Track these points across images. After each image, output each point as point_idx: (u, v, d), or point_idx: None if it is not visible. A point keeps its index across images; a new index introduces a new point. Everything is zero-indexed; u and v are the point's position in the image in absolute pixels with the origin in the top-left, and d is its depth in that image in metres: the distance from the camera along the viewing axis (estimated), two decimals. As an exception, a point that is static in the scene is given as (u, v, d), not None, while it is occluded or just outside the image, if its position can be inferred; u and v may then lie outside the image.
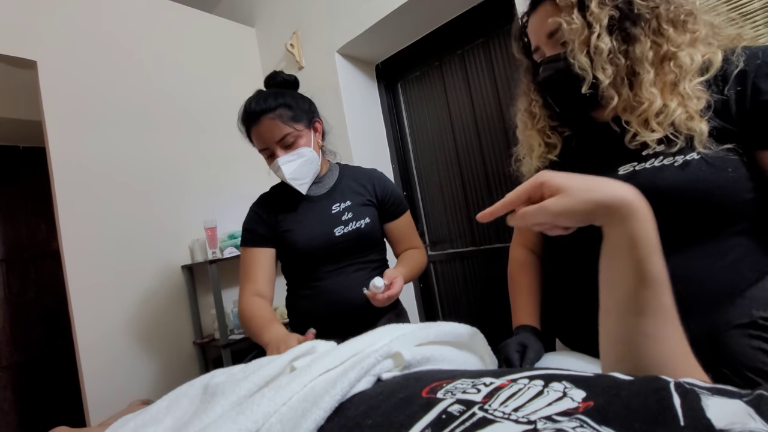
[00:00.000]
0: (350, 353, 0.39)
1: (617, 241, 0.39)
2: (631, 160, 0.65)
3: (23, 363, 2.67)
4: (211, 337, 2.01)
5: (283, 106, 1.03)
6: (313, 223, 1.07)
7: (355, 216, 1.07)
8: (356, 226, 1.06)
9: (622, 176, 0.65)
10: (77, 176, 1.76)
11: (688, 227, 0.62)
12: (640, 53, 0.63)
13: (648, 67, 0.63)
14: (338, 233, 1.05)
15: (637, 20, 0.64)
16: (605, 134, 0.71)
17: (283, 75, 1.14)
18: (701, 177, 0.59)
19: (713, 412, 0.21)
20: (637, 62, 0.64)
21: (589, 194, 0.39)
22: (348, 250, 1.06)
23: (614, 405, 0.23)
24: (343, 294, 1.05)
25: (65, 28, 1.82)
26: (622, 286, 0.38)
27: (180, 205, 2.07)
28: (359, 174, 1.17)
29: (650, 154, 0.63)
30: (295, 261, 1.10)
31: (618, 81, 0.65)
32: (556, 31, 0.70)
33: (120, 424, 0.43)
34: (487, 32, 1.86)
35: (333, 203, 1.09)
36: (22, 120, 2.50)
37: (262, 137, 1.04)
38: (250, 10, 2.63)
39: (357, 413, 0.30)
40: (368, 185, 1.13)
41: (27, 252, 2.81)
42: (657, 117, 0.61)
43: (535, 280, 0.87)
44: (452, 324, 0.44)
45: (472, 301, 2.03)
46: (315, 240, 1.05)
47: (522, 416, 0.25)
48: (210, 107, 2.28)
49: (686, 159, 0.60)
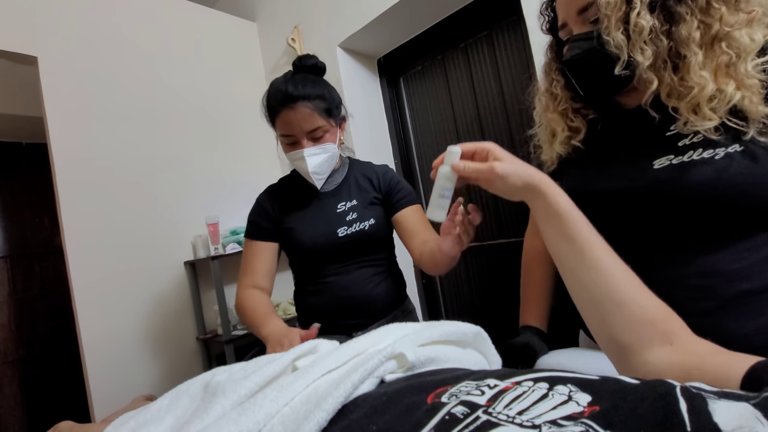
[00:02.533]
0: (353, 353, 0.38)
1: (539, 211, 0.51)
2: (667, 152, 0.60)
3: (28, 358, 2.69)
4: (214, 333, 2.02)
5: (320, 98, 0.99)
6: (318, 222, 1.06)
7: (359, 217, 1.06)
8: (360, 228, 1.05)
9: (657, 171, 0.61)
10: (79, 172, 1.76)
11: (728, 224, 0.58)
12: (686, 34, 0.57)
13: (695, 48, 0.57)
14: (341, 234, 1.04)
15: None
16: (636, 121, 0.65)
17: (316, 60, 1.08)
18: (743, 172, 0.54)
19: (720, 417, 0.21)
20: (683, 43, 0.57)
21: (523, 173, 0.50)
22: (351, 251, 1.05)
23: (620, 410, 0.23)
24: (349, 291, 1.04)
25: (66, 23, 1.82)
26: (554, 235, 0.50)
27: (182, 200, 2.08)
28: (367, 169, 1.15)
29: (687, 145, 0.58)
30: (301, 258, 1.10)
31: (659, 63, 0.59)
32: (589, 6, 0.64)
33: (120, 422, 0.43)
34: (491, 25, 1.84)
35: (339, 201, 1.08)
36: (25, 116, 2.50)
37: (293, 124, 0.98)
38: (252, 5, 2.62)
39: (361, 416, 0.30)
40: (374, 180, 1.11)
41: (31, 248, 2.82)
42: (710, 102, 0.55)
43: (549, 272, 0.85)
44: (456, 323, 0.43)
45: (476, 297, 2.03)
46: (318, 240, 1.04)
47: (526, 420, 0.24)
48: (211, 102, 2.28)
49: (728, 152, 0.55)
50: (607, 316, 0.43)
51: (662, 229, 0.63)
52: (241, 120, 2.39)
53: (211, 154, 2.23)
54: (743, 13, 0.56)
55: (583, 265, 0.46)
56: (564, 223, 0.48)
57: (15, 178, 2.80)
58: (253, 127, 2.42)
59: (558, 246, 0.49)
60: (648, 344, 0.40)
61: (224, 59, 2.40)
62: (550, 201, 0.49)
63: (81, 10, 1.87)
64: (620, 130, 0.70)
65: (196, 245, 2.05)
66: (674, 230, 0.62)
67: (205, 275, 2.10)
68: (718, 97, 0.55)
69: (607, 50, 0.61)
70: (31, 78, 1.77)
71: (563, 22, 0.70)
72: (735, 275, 0.57)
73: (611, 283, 0.44)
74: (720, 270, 0.58)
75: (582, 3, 0.65)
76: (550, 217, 0.49)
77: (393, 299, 1.09)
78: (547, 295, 0.84)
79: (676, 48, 0.58)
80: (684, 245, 0.61)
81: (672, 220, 0.62)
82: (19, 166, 2.83)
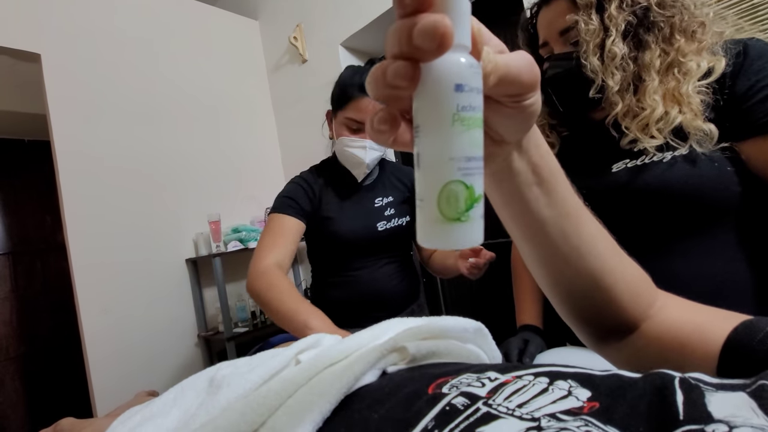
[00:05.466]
0: (355, 346, 0.39)
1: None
2: (623, 157, 0.67)
3: (30, 354, 2.71)
4: (215, 330, 2.03)
5: None
6: (357, 214, 1.06)
7: (397, 213, 1.09)
8: (398, 223, 1.08)
9: (615, 174, 0.67)
10: (82, 169, 1.77)
11: (682, 223, 0.63)
12: (648, 60, 0.64)
13: (654, 74, 0.64)
14: (381, 228, 1.06)
15: (651, 28, 0.64)
16: (600, 134, 0.72)
17: None
18: (689, 173, 0.61)
19: (715, 407, 0.21)
20: (645, 69, 0.64)
21: None
22: (388, 245, 1.08)
23: (619, 407, 0.23)
24: (375, 285, 1.06)
25: (69, 20, 1.82)
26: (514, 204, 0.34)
27: (184, 198, 2.08)
28: (398, 170, 1.18)
29: (641, 150, 0.65)
30: (332, 249, 1.06)
31: (624, 86, 0.65)
32: (570, 29, 0.69)
33: (127, 416, 0.44)
34: (492, 25, 1.84)
35: (376, 196, 1.10)
36: (27, 113, 2.51)
37: (368, 112, 0.98)
38: (254, 3, 2.62)
39: (362, 406, 0.30)
40: (407, 181, 1.15)
41: (33, 245, 2.83)
42: (657, 123, 0.62)
43: None
44: (457, 318, 0.44)
45: (476, 296, 2.04)
46: (357, 232, 1.05)
47: (526, 413, 0.25)
48: (213, 100, 2.29)
49: (674, 155, 0.62)
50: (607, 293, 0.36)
51: (622, 232, 0.66)
52: (243, 118, 2.39)
53: (213, 151, 2.24)
54: (696, 43, 0.63)
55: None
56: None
57: (17, 175, 2.81)
58: (255, 125, 2.42)
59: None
60: (646, 311, 0.38)
61: (226, 57, 2.40)
62: None
63: (84, 8, 1.88)
64: (587, 143, 0.75)
65: (197, 243, 2.06)
66: (632, 232, 0.66)
67: (207, 273, 2.11)
68: (664, 119, 0.61)
69: (583, 72, 0.66)
70: (34, 75, 1.78)
71: (544, 41, 0.75)
72: (692, 279, 0.62)
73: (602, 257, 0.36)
74: (676, 273, 0.62)
75: (563, 25, 0.70)
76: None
77: (411, 294, 1.12)
78: (540, 298, 0.87)
79: (639, 72, 0.65)
80: (642, 248, 0.65)
81: (630, 222, 0.67)
82: (22, 163, 2.84)
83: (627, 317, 0.37)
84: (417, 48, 0.20)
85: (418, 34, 0.20)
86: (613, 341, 0.39)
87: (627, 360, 0.38)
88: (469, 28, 0.24)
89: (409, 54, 0.21)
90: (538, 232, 0.34)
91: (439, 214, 0.23)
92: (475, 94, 0.23)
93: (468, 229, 0.23)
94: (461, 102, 0.22)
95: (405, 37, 0.21)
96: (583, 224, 0.35)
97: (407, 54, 0.21)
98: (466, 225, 0.23)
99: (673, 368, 0.26)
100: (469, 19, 0.24)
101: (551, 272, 0.37)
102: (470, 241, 0.24)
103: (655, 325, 0.37)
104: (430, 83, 0.22)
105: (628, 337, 0.38)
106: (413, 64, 0.21)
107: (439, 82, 0.22)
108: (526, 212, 0.33)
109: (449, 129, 0.22)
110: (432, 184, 0.23)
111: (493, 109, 0.27)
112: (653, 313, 0.38)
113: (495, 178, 0.32)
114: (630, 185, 0.65)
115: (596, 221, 0.36)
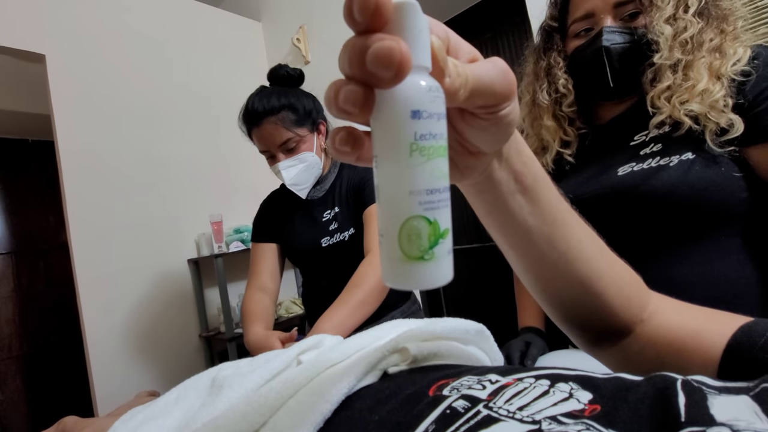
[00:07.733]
0: (357, 347, 0.39)
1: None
2: (630, 161, 0.67)
3: (32, 354, 2.72)
4: (216, 331, 2.03)
5: (286, 108, 0.99)
6: (304, 230, 1.08)
7: (340, 227, 1.04)
8: (340, 238, 1.04)
9: (621, 177, 0.67)
10: (85, 169, 1.77)
11: (688, 228, 0.63)
12: (706, 38, 0.64)
13: (705, 52, 0.63)
14: (324, 244, 1.05)
15: (714, 10, 0.65)
16: (607, 134, 0.72)
17: (287, 69, 1.08)
18: (696, 177, 0.60)
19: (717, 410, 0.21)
20: (699, 46, 0.64)
21: None
22: (336, 259, 1.05)
23: (621, 410, 0.23)
24: None
25: (73, 21, 1.83)
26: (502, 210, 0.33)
27: (186, 199, 2.09)
28: (353, 171, 1.10)
29: (647, 154, 0.65)
30: (295, 262, 1.16)
31: (672, 65, 0.65)
32: (628, 1, 0.68)
33: (129, 416, 0.44)
34: (495, 27, 1.85)
35: (325, 210, 1.08)
36: (31, 113, 2.53)
37: (264, 140, 1.01)
38: (257, 5, 2.63)
39: (363, 407, 0.30)
40: (356, 182, 1.07)
41: (36, 244, 2.84)
42: (696, 97, 0.61)
43: None
44: (459, 320, 0.44)
45: (477, 298, 2.03)
46: (305, 249, 1.08)
47: (527, 416, 0.25)
48: (216, 101, 2.29)
49: (681, 159, 0.62)
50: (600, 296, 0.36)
51: (626, 236, 0.67)
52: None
53: (216, 152, 2.25)
54: (732, 30, 0.64)
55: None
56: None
57: (20, 174, 2.82)
58: (258, 127, 2.42)
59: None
60: (639, 315, 0.37)
61: (229, 59, 2.41)
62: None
63: (88, 9, 1.89)
64: (594, 143, 0.75)
65: (199, 243, 2.06)
66: (637, 237, 0.66)
67: (209, 273, 2.11)
68: (705, 94, 0.61)
69: (643, 48, 0.66)
70: (38, 75, 1.79)
71: (588, 12, 0.71)
72: (696, 284, 0.61)
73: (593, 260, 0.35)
74: (680, 278, 0.62)
75: None
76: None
77: (395, 299, 1.08)
78: None
79: (692, 50, 0.64)
80: (647, 252, 0.66)
81: (635, 226, 0.66)
82: (25, 163, 2.85)
83: (619, 322, 0.37)
84: (370, 74, 0.19)
85: (371, 59, 0.18)
86: (606, 345, 0.39)
87: (623, 364, 0.38)
88: (428, 46, 0.21)
89: (362, 79, 0.19)
90: (523, 240, 0.33)
91: (400, 252, 0.21)
92: (434, 121, 0.20)
93: (433, 268, 0.21)
94: (419, 130, 0.20)
95: (357, 60, 0.19)
96: (571, 230, 0.34)
97: (359, 78, 0.19)
98: (431, 264, 0.21)
99: (672, 372, 0.26)
100: (428, 36, 0.21)
101: (540, 279, 0.36)
102: (436, 280, 0.21)
103: (649, 329, 0.37)
104: (385, 110, 0.20)
105: (623, 341, 0.38)
106: (366, 89, 0.19)
107: (394, 109, 0.20)
108: (511, 221, 0.32)
109: (407, 160, 0.20)
110: (392, 220, 0.21)
111: (467, 122, 0.25)
112: (647, 317, 0.37)
113: (475, 189, 0.31)
114: (636, 189, 0.65)
115: (585, 226, 0.35)
